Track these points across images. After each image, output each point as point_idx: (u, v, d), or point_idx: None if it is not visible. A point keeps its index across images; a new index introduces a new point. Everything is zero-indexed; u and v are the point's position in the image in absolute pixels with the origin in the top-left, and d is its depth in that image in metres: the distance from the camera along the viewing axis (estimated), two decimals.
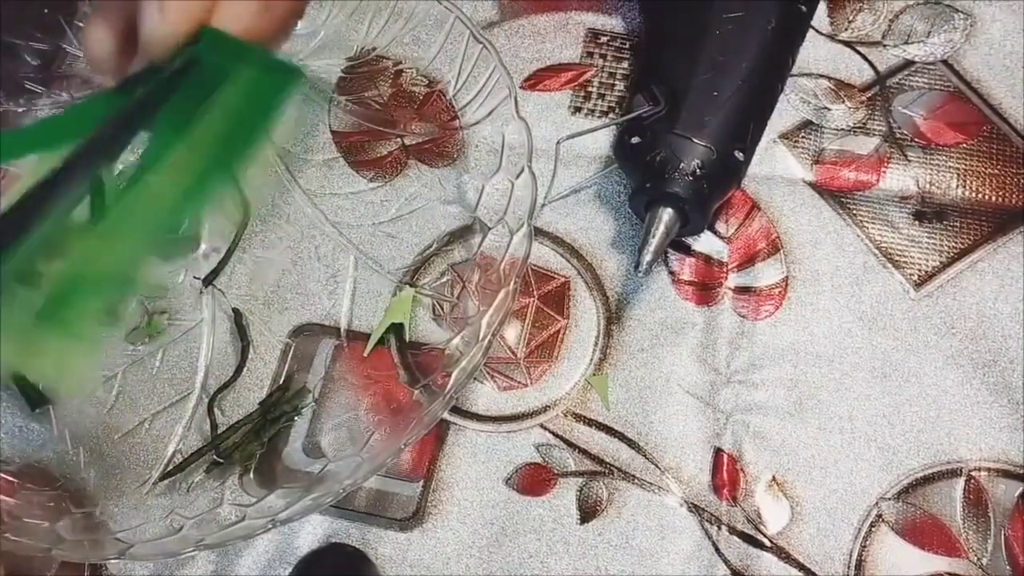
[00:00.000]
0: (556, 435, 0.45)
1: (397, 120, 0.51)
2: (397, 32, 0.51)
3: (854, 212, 0.49)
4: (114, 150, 0.26)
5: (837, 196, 0.50)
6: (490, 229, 0.46)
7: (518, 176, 0.44)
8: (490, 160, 0.48)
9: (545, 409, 0.46)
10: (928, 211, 0.49)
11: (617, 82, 0.53)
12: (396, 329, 0.46)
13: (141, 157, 0.27)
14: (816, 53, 0.53)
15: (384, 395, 0.45)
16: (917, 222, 0.49)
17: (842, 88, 0.53)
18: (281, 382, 0.46)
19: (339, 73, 0.52)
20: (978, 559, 0.42)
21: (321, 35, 0.51)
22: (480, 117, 0.48)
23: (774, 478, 0.44)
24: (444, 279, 0.47)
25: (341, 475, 0.40)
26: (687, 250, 0.49)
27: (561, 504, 0.44)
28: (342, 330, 0.47)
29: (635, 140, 0.47)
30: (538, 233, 0.50)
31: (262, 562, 0.43)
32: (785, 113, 0.52)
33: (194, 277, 0.47)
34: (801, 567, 0.42)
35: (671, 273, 0.48)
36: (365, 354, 0.46)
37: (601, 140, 0.51)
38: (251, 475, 0.43)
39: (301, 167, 0.50)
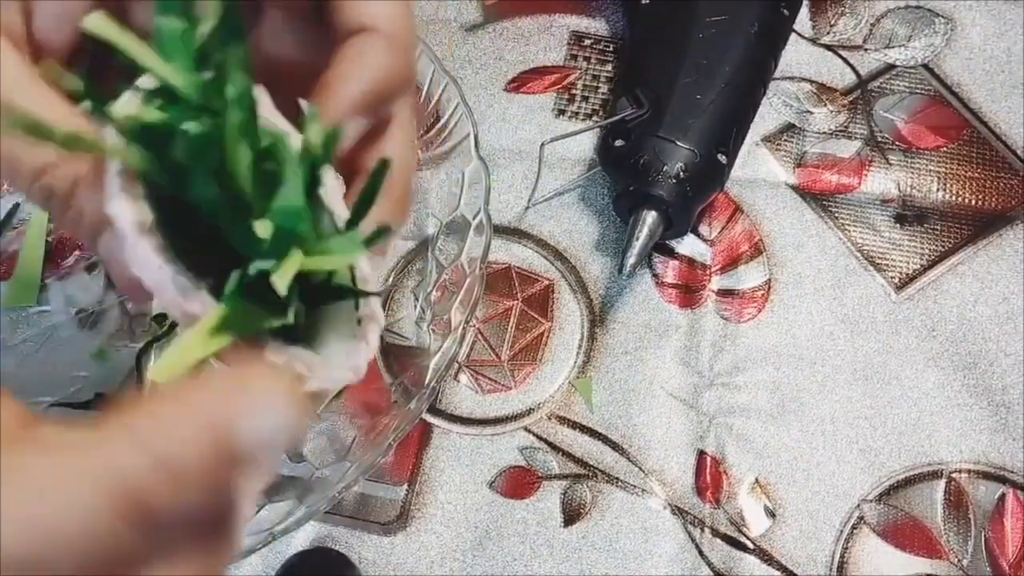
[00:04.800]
0: (540, 438, 0.45)
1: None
2: None
3: (836, 215, 0.50)
4: None
5: (819, 199, 0.50)
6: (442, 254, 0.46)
7: (475, 216, 0.44)
8: (451, 197, 0.47)
9: (529, 412, 0.46)
10: (909, 214, 0.50)
11: (601, 85, 0.53)
12: None
13: None
14: (798, 57, 0.54)
15: (362, 400, 0.45)
16: (898, 225, 0.49)
17: (824, 92, 0.53)
18: None
19: None
20: (959, 560, 0.42)
21: None
22: (441, 153, 0.48)
23: (757, 480, 0.44)
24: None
25: (332, 480, 0.40)
26: (671, 253, 0.49)
27: (545, 507, 0.44)
28: None
29: (619, 143, 0.47)
30: (522, 236, 0.50)
31: (245, 566, 0.43)
32: (767, 116, 0.52)
33: None
34: (784, 569, 0.42)
35: (655, 276, 0.49)
36: None
37: (585, 143, 0.51)
38: None
39: None
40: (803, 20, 0.54)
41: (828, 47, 0.54)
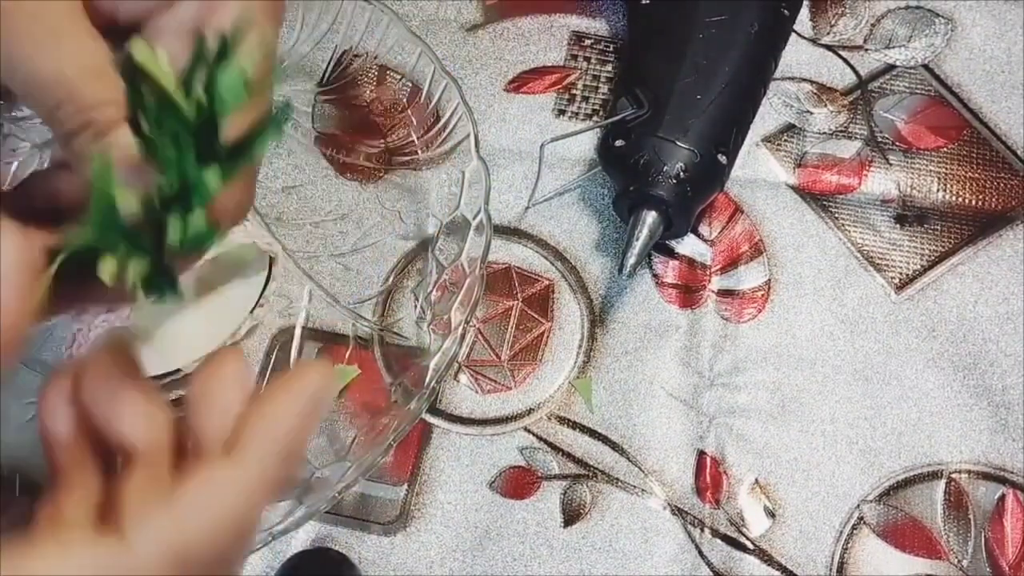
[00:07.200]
0: (540, 438, 0.45)
1: (381, 123, 0.51)
2: (374, 47, 0.50)
3: (836, 215, 0.50)
4: None
5: (819, 199, 0.50)
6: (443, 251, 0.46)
7: (475, 216, 0.44)
8: (451, 197, 0.47)
9: (529, 412, 0.46)
10: (909, 214, 0.50)
11: (601, 85, 0.53)
12: None
13: None
14: (798, 57, 0.54)
15: (362, 400, 0.45)
16: (898, 225, 0.49)
17: (824, 92, 0.53)
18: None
19: (309, 98, 0.51)
20: (959, 561, 0.42)
21: (286, 62, 0.51)
22: (441, 153, 0.48)
23: (757, 481, 0.44)
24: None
25: (332, 480, 0.40)
26: (671, 253, 0.49)
27: (545, 507, 0.44)
28: (291, 362, 0.46)
29: (619, 143, 0.47)
30: (522, 236, 0.50)
31: (245, 566, 0.43)
32: (768, 116, 0.52)
33: None
34: (783, 569, 0.42)
35: (655, 276, 0.48)
36: None
37: (585, 143, 0.51)
38: None
39: (258, 193, 0.49)
40: (803, 20, 0.54)
41: (828, 47, 0.54)
